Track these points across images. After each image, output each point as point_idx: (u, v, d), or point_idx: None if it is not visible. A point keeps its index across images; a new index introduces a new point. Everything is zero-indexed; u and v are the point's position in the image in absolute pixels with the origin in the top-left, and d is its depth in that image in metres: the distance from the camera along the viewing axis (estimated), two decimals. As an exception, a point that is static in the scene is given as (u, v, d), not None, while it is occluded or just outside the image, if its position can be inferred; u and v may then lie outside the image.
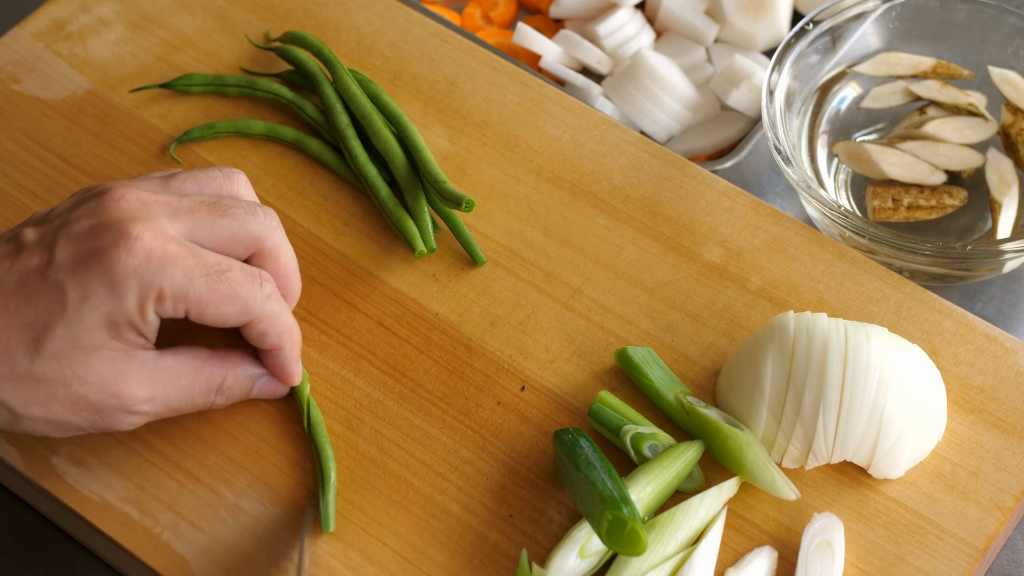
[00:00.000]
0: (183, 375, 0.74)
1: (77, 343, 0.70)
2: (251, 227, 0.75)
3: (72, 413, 0.72)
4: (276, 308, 0.75)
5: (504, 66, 0.94)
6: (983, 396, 0.80)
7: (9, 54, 0.95)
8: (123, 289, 0.70)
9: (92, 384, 0.71)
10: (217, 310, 0.72)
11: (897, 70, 0.96)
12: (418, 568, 0.76)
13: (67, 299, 0.70)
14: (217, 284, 0.72)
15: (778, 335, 0.77)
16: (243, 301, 0.73)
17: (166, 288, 0.71)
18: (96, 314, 0.70)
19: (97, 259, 0.70)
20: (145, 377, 0.73)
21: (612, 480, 0.72)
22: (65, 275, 0.70)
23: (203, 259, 0.72)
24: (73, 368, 0.70)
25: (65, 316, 0.70)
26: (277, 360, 0.77)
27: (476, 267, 0.86)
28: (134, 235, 0.70)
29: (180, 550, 0.77)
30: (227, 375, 0.76)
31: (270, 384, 0.79)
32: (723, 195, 0.88)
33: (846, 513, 0.77)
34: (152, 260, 0.70)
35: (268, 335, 0.75)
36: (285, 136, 0.90)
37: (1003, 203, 0.92)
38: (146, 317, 0.71)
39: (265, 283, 0.74)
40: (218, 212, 0.74)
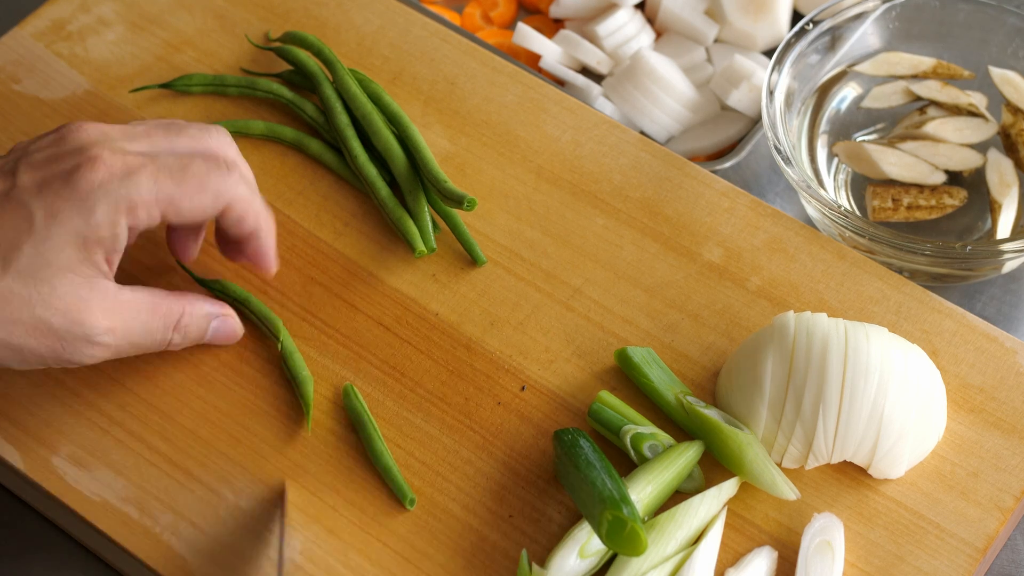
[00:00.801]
0: (142, 309, 0.75)
1: (45, 260, 0.70)
2: (208, 143, 0.76)
3: (34, 338, 0.71)
4: (247, 191, 0.76)
5: (504, 66, 0.94)
6: (983, 396, 0.80)
7: (9, 54, 0.95)
8: (91, 203, 0.71)
9: (56, 309, 0.71)
10: (192, 203, 0.73)
11: (897, 70, 0.96)
12: (418, 568, 0.76)
13: (34, 218, 0.70)
14: (184, 178, 0.73)
15: (778, 335, 0.77)
16: (214, 187, 0.74)
17: (136, 198, 0.71)
18: (64, 231, 0.70)
19: (63, 180, 0.71)
20: (107, 307, 0.73)
21: (612, 480, 0.72)
22: (30, 196, 0.71)
23: (164, 160, 0.73)
24: (38, 288, 0.70)
25: (32, 235, 0.70)
26: (256, 247, 0.78)
27: (476, 267, 0.86)
28: (95, 155, 0.72)
29: (180, 550, 0.77)
30: (184, 312, 0.77)
31: (225, 326, 0.80)
32: (723, 195, 0.88)
33: (846, 513, 0.77)
34: (115, 174, 0.71)
35: (245, 218, 0.76)
36: (285, 136, 0.90)
37: (1003, 203, 0.92)
38: (116, 231, 0.72)
39: (231, 168, 0.75)
40: (174, 132, 0.76)
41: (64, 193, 0.71)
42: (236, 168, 0.76)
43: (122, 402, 0.81)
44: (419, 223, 0.85)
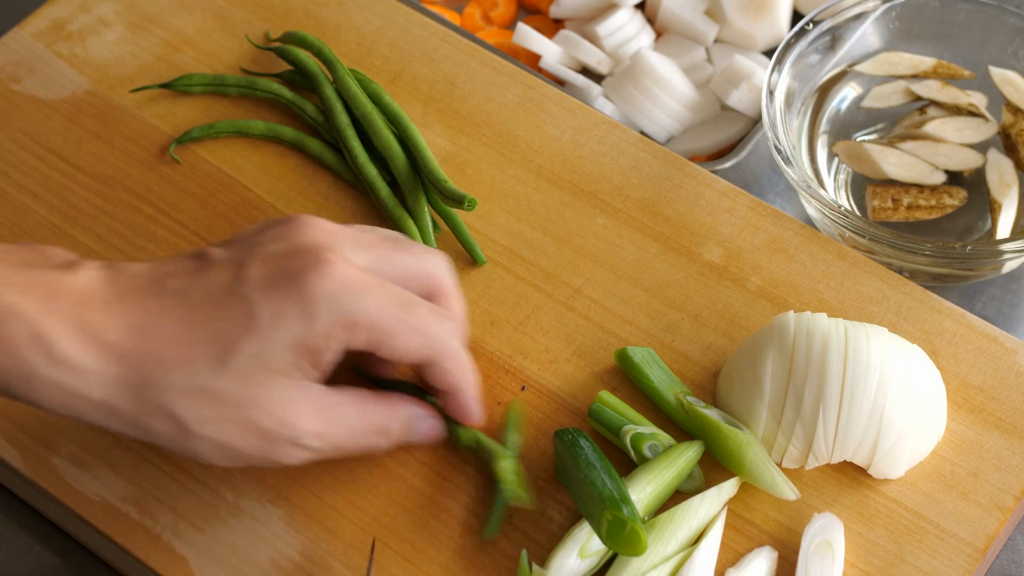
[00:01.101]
0: (351, 413, 0.72)
1: (262, 363, 0.68)
2: (429, 266, 0.74)
3: (242, 438, 0.69)
4: (458, 345, 0.73)
5: (504, 66, 0.94)
6: (983, 396, 0.80)
7: (9, 54, 0.95)
8: (317, 312, 0.68)
9: (266, 410, 0.68)
10: (406, 343, 0.70)
11: (898, 70, 0.96)
12: (418, 568, 0.76)
13: (257, 316, 0.68)
14: (407, 316, 0.70)
15: (778, 335, 0.77)
16: (431, 335, 0.71)
17: (361, 316, 0.68)
18: (286, 335, 0.68)
19: (292, 280, 0.68)
20: (316, 411, 0.70)
21: (612, 480, 0.72)
22: (257, 292, 0.68)
23: (393, 290, 0.70)
24: (252, 389, 0.68)
25: (255, 333, 0.68)
26: (457, 401, 0.75)
27: (476, 267, 0.86)
28: (328, 259, 0.69)
29: (180, 550, 0.77)
30: (391, 418, 0.74)
31: (430, 428, 0.76)
32: (723, 195, 0.88)
33: (846, 513, 0.77)
34: (349, 287, 0.68)
35: (450, 373, 0.73)
36: (285, 136, 0.90)
37: (1003, 203, 0.92)
38: (332, 345, 0.69)
39: (447, 320, 0.72)
40: (398, 248, 0.73)
41: (291, 295, 0.68)
42: (451, 320, 0.73)
43: (122, 402, 0.81)
44: (419, 223, 0.85)
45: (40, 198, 0.89)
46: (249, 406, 0.68)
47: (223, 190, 0.89)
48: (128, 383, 0.67)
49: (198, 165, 0.90)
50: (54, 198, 0.89)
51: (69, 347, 0.66)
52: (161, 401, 0.68)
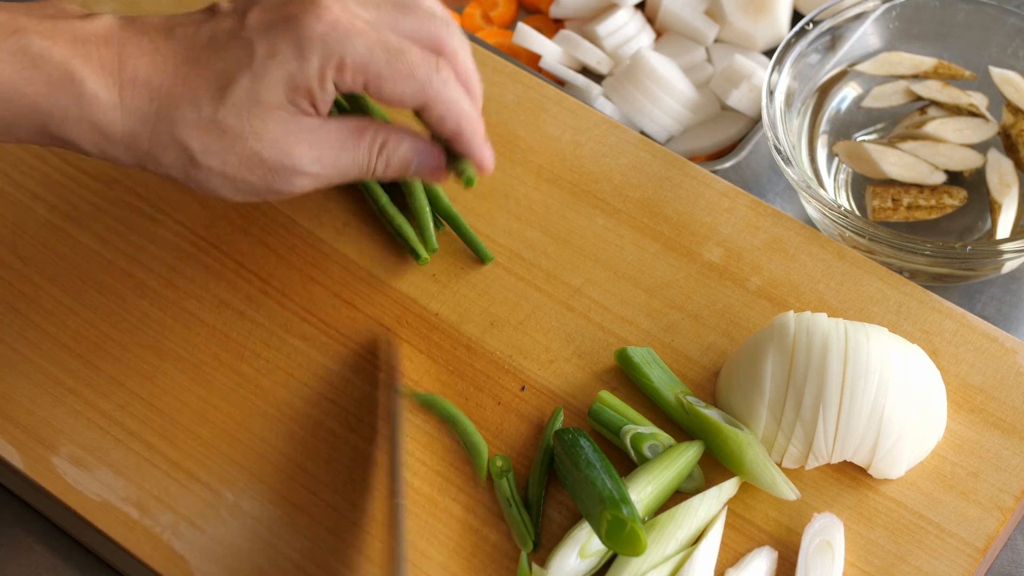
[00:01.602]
0: (348, 136, 0.76)
1: (257, 97, 0.73)
2: (432, 27, 0.77)
3: (248, 169, 0.74)
4: (453, 93, 0.76)
5: (504, 66, 0.94)
6: (983, 396, 0.80)
7: (9, 54, 0.95)
8: (308, 51, 0.72)
9: (266, 141, 0.73)
10: (395, 87, 0.74)
11: (899, 70, 0.96)
12: (418, 568, 0.76)
13: (255, 54, 0.73)
14: (396, 61, 0.74)
15: (778, 335, 0.77)
16: (420, 80, 0.75)
17: (347, 57, 0.73)
18: (280, 72, 0.73)
19: (287, 22, 0.73)
20: (314, 139, 0.75)
21: (612, 480, 0.72)
22: (256, 34, 0.73)
23: (385, 36, 0.74)
24: (251, 122, 0.73)
25: (251, 69, 0.73)
26: (461, 147, 0.78)
27: (476, 267, 0.86)
28: (324, 4, 0.73)
29: (180, 550, 0.77)
30: (388, 136, 0.77)
31: (431, 159, 0.79)
32: (723, 195, 0.88)
33: (846, 513, 0.77)
34: (338, 28, 0.73)
35: (446, 119, 0.76)
36: (285, 136, 0.90)
37: (1003, 203, 0.92)
38: (324, 85, 0.73)
39: (443, 68, 0.76)
40: (402, 10, 0.76)
41: (287, 36, 0.73)
42: (448, 68, 0.76)
43: (122, 402, 0.81)
44: (421, 221, 0.85)
45: (40, 198, 0.89)
46: (250, 137, 0.73)
47: (223, 190, 0.89)
48: (146, 117, 0.73)
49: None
50: (54, 198, 0.89)
51: (95, 85, 0.72)
52: (173, 133, 0.73)
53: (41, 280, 0.86)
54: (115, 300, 0.85)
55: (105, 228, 0.88)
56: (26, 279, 0.86)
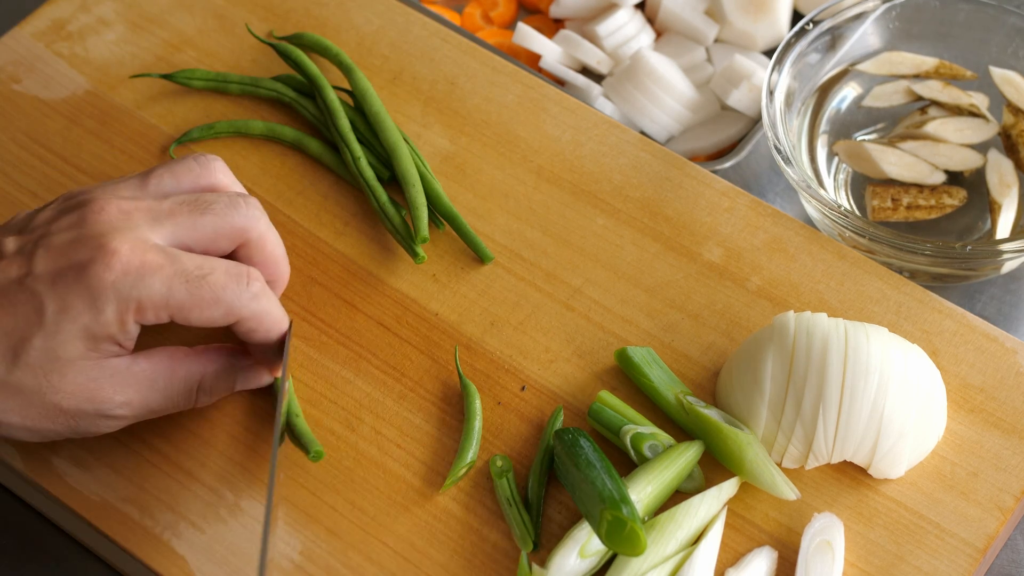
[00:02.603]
0: (159, 377, 0.74)
1: (54, 355, 0.70)
2: (234, 220, 0.75)
3: (49, 420, 0.72)
4: (263, 306, 0.74)
5: (504, 66, 0.94)
6: (983, 396, 0.80)
7: (9, 54, 0.95)
8: (102, 303, 0.70)
9: (66, 393, 0.71)
10: (201, 314, 0.72)
11: (900, 69, 0.96)
12: (418, 568, 0.76)
13: (45, 310, 0.70)
14: (198, 289, 0.72)
15: (778, 335, 0.77)
16: (227, 303, 0.73)
17: (145, 299, 0.71)
18: (74, 327, 0.70)
19: (75, 273, 0.70)
20: (119, 383, 0.73)
21: (612, 480, 0.72)
22: (44, 287, 0.70)
23: (183, 265, 0.72)
24: (48, 378, 0.71)
25: (43, 328, 0.70)
26: (263, 356, 0.77)
27: (476, 267, 0.86)
28: (112, 249, 0.71)
29: (180, 550, 0.77)
30: (205, 372, 0.76)
31: (251, 377, 0.79)
32: (723, 195, 0.88)
33: (846, 513, 0.77)
34: (130, 273, 0.70)
35: (256, 332, 0.75)
36: (285, 136, 0.90)
37: (1003, 204, 0.92)
38: (125, 328, 0.71)
39: (252, 282, 0.74)
40: (199, 210, 0.74)
41: (76, 289, 0.70)
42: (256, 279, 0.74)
43: (122, 402, 0.81)
44: (415, 212, 0.85)
45: (40, 198, 0.89)
46: (47, 392, 0.71)
47: (223, 190, 0.89)
48: None
49: (198, 165, 0.90)
50: (54, 198, 0.89)
51: None
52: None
53: (41, 280, 0.86)
54: (115, 300, 0.85)
55: (105, 228, 0.88)
56: (26, 279, 0.86)
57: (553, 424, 0.79)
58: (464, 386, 0.80)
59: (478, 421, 0.79)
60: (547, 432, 0.79)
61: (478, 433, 0.79)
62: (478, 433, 0.79)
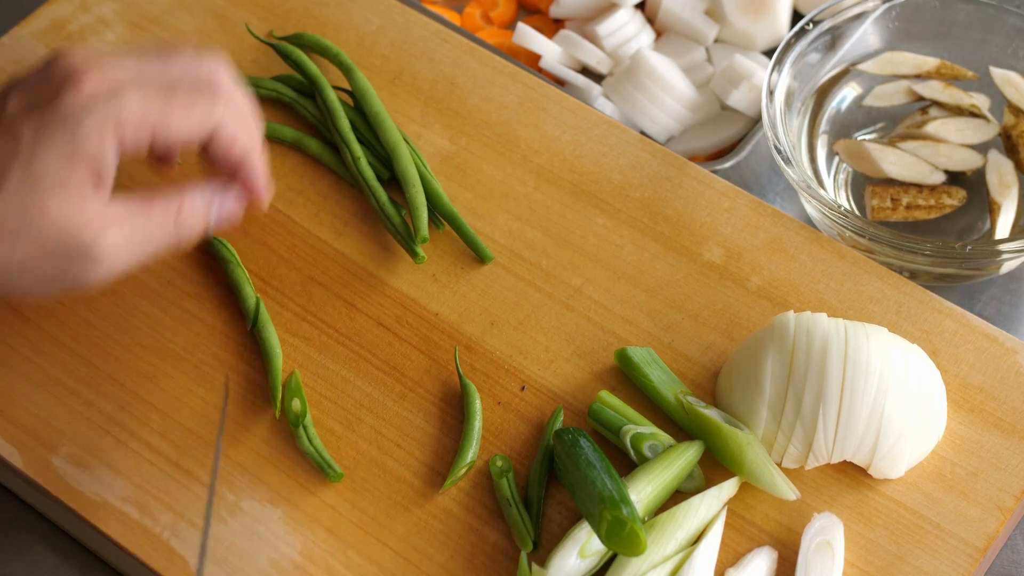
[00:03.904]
0: (139, 212, 0.73)
1: (33, 179, 0.70)
2: (201, 69, 0.75)
3: (37, 258, 0.71)
4: (236, 118, 0.74)
5: (504, 66, 0.94)
6: (983, 396, 0.80)
7: (9, 54, 0.95)
8: (77, 120, 0.70)
9: (50, 220, 0.70)
10: (181, 123, 0.72)
11: (901, 69, 0.96)
12: (418, 568, 0.76)
13: (21, 139, 0.70)
14: (173, 98, 0.72)
15: (778, 335, 0.77)
16: (203, 108, 0.73)
17: (123, 115, 0.71)
18: (51, 150, 0.70)
19: (49, 102, 0.71)
20: (102, 219, 0.72)
21: (612, 480, 0.72)
22: (18, 121, 0.71)
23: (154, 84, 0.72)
24: (30, 208, 0.70)
25: (19, 155, 0.70)
26: (247, 173, 0.76)
27: (476, 267, 0.86)
28: (83, 77, 0.71)
29: (180, 550, 0.77)
30: (182, 202, 0.75)
31: (228, 202, 0.77)
32: (723, 195, 0.88)
33: (846, 513, 0.77)
34: (102, 92, 0.71)
35: (236, 140, 0.74)
36: (285, 136, 0.90)
37: (1002, 204, 0.92)
38: (104, 148, 0.71)
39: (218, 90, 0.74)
40: (165, 60, 0.74)
41: (50, 113, 0.70)
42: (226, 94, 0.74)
43: (122, 402, 0.81)
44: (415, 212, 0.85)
45: (40, 198, 0.89)
46: (33, 221, 0.70)
47: (223, 190, 0.89)
48: None
49: (198, 165, 0.90)
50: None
51: None
52: None
53: (41, 280, 0.86)
54: (115, 300, 0.85)
55: (105, 228, 0.88)
56: (26, 279, 0.86)
57: (553, 424, 0.79)
58: (464, 386, 0.80)
59: (478, 421, 0.79)
60: (547, 432, 0.79)
61: (478, 433, 0.79)
62: (478, 433, 0.79)
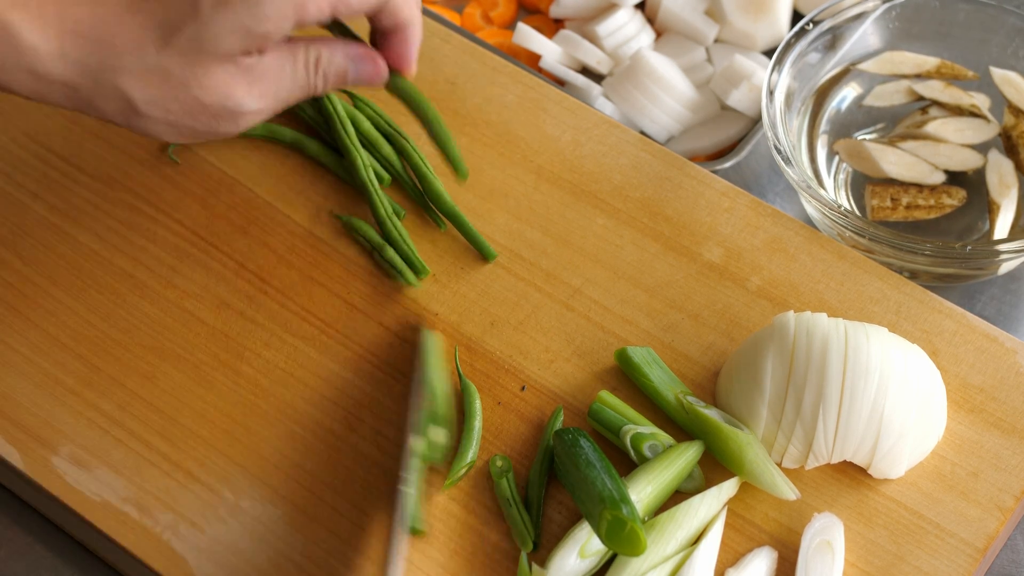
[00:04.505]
0: (284, 63, 0.74)
1: (202, 45, 0.71)
2: None
3: (190, 116, 0.73)
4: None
5: (504, 66, 0.94)
6: (983, 396, 0.80)
7: (9, 54, 0.95)
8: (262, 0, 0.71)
9: (208, 88, 0.72)
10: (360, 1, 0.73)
11: (901, 69, 0.96)
12: (418, 568, 0.76)
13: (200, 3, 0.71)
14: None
15: (778, 335, 0.77)
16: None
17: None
18: (229, 21, 0.71)
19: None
20: (252, 76, 0.73)
21: (612, 480, 0.72)
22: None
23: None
24: (193, 70, 0.71)
25: (198, 17, 0.71)
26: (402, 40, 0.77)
27: (476, 267, 0.86)
28: None
29: (180, 550, 0.77)
30: (322, 52, 0.76)
31: (368, 66, 0.78)
32: (723, 195, 0.88)
33: (846, 513, 0.77)
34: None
35: (403, 9, 0.76)
36: (284, 137, 0.90)
37: (1002, 204, 0.92)
38: (282, 26, 0.72)
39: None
40: None
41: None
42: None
43: (122, 402, 0.81)
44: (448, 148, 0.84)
45: (40, 198, 0.89)
46: (192, 85, 0.72)
47: (223, 190, 0.89)
48: (86, 65, 0.71)
49: (197, 165, 0.90)
50: (54, 198, 0.89)
51: (32, 37, 0.70)
52: (114, 82, 0.71)
53: (41, 280, 0.86)
54: (115, 300, 0.85)
55: (105, 228, 0.88)
56: (26, 279, 0.86)
57: (553, 424, 0.79)
58: (464, 386, 0.80)
59: (478, 421, 0.79)
60: (547, 432, 0.79)
61: (478, 433, 0.79)
62: (478, 433, 0.79)
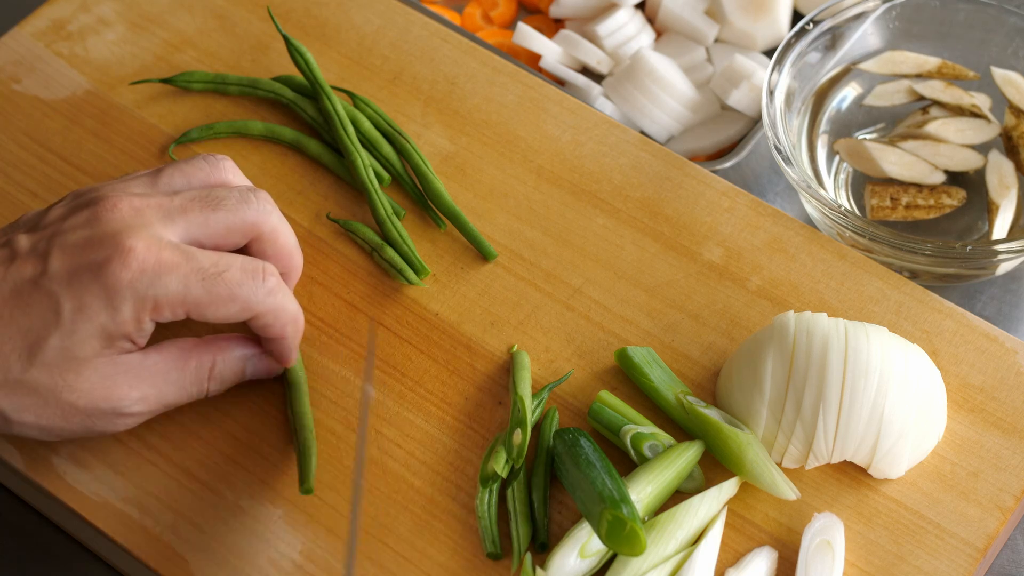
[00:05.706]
0: (171, 369, 0.75)
1: (70, 354, 0.71)
2: (245, 215, 0.75)
3: (63, 420, 0.72)
4: (279, 301, 0.75)
5: (504, 66, 0.94)
6: (983, 396, 0.80)
7: (9, 54, 0.95)
8: (118, 301, 0.71)
9: (82, 391, 0.72)
10: (217, 311, 0.73)
11: (902, 69, 0.96)
12: (418, 568, 0.76)
13: (62, 310, 0.70)
14: (214, 287, 0.72)
15: (778, 335, 0.77)
16: (243, 300, 0.73)
17: (161, 298, 0.71)
18: (90, 326, 0.71)
19: (92, 273, 0.71)
20: (133, 378, 0.73)
21: (612, 480, 0.72)
22: (60, 286, 0.71)
23: (199, 263, 0.72)
24: (64, 377, 0.71)
25: (59, 327, 0.70)
26: (279, 347, 0.78)
27: (476, 267, 0.86)
28: (128, 247, 0.71)
29: (180, 550, 0.77)
30: (215, 360, 0.76)
31: (263, 363, 0.79)
32: (723, 195, 0.88)
33: (846, 513, 0.77)
34: (146, 271, 0.71)
35: (272, 327, 0.76)
36: (284, 137, 0.90)
37: (1001, 205, 0.92)
38: (142, 327, 0.72)
39: (268, 277, 0.74)
40: (211, 206, 0.75)
41: (93, 288, 0.70)
42: (271, 274, 0.74)
43: (122, 402, 0.81)
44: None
45: (40, 198, 0.89)
46: (63, 392, 0.71)
47: (223, 190, 0.89)
48: None
49: (198, 165, 0.90)
50: (54, 198, 0.89)
51: None
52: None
53: (41, 280, 0.86)
54: (115, 300, 0.85)
55: (105, 228, 0.88)
56: (26, 279, 0.86)
57: (553, 424, 0.79)
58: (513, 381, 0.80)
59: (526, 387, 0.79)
60: (547, 432, 0.79)
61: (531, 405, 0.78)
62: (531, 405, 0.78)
